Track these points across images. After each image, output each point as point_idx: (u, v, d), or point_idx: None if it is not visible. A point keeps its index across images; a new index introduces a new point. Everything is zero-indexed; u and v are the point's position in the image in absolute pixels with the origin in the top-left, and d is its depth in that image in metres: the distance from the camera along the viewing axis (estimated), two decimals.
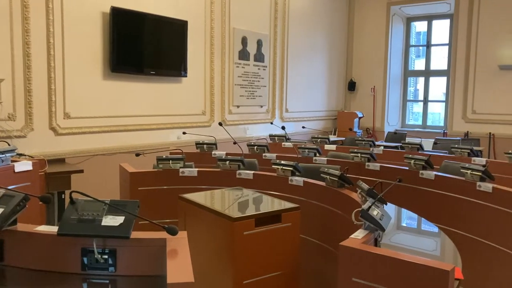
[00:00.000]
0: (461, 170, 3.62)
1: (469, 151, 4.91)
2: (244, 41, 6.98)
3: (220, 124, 5.41)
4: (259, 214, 2.63)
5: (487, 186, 3.36)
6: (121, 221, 1.69)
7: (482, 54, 8.31)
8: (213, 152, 4.79)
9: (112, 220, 1.69)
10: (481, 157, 5.21)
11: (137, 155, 4.34)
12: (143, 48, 5.56)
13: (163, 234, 1.68)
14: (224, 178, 3.76)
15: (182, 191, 3.28)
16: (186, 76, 6.05)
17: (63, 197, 4.27)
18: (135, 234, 1.69)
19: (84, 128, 5.03)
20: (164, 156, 3.94)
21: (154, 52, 5.69)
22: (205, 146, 4.89)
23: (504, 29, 8.04)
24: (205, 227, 2.81)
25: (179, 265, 1.47)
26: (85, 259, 1.69)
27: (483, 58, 8.29)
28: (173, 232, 1.65)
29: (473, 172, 3.49)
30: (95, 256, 1.67)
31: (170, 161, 3.84)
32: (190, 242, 1.69)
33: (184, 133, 5.59)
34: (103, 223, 1.68)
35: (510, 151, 4.64)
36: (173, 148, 5.05)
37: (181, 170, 3.81)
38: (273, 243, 2.65)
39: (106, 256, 1.68)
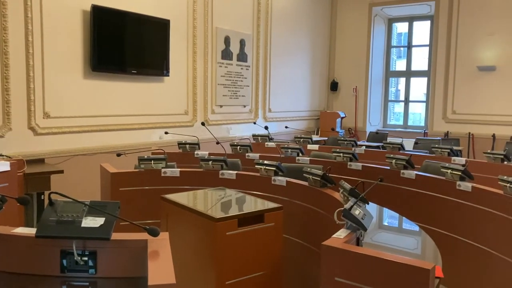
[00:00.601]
0: (441, 169, 3.67)
1: (449, 150, 4.98)
2: (227, 40, 6.96)
3: (202, 124, 5.39)
4: (241, 214, 2.63)
5: (466, 186, 3.41)
6: (102, 223, 1.66)
7: (462, 55, 8.45)
8: (195, 152, 4.77)
9: (92, 222, 1.66)
10: (461, 156, 5.29)
11: (118, 155, 4.28)
12: (125, 47, 5.50)
13: (144, 235, 1.66)
14: (206, 178, 3.74)
15: (164, 191, 3.25)
16: (168, 76, 6.00)
17: (42, 198, 4.19)
18: (116, 236, 1.66)
19: (64, 128, 4.95)
20: (146, 156, 3.90)
21: (136, 51, 5.63)
22: (187, 146, 4.86)
23: (482, 31, 8.18)
24: (188, 227, 2.79)
25: (161, 266, 1.46)
26: (64, 261, 1.66)
27: (463, 59, 8.44)
28: (154, 233, 1.63)
29: (453, 172, 3.55)
30: (75, 258, 1.64)
31: (152, 161, 3.81)
32: (172, 243, 1.67)
33: (166, 133, 5.55)
34: (83, 225, 1.65)
35: (489, 151, 4.72)
36: (155, 148, 5.01)
37: (163, 170, 3.78)
38: (256, 243, 2.64)
39: (86, 258, 1.65)
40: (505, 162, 4.51)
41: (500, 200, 3.09)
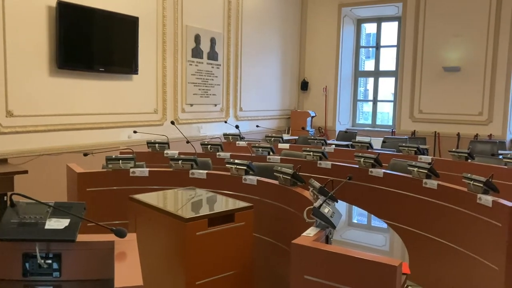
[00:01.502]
0: (408, 167, 3.75)
1: (415, 149, 5.09)
2: (197, 39, 6.90)
3: (172, 122, 5.32)
4: (212, 214, 2.61)
5: (432, 183, 3.49)
6: (66, 224, 1.62)
7: (428, 56, 8.66)
8: (165, 152, 4.71)
9: (57, 223, 1.62)
10: (427, 155, 5.43)
11: (85, 154, 4.19)
12: (92, 45, 5.37)
13: (111, 237, 1.62)
14: (176, 178, 3.70)
15: (133, 191, 3.19)
16: (137, 74, 5.91)
17: (5, 199, 4.05)
18: (81, 237, 1.62)
19: (29, 127, 4.80)
20: (113, 156, 3.83)
21: (103, 48, 5.52)
22: (157, 145, 4.80)
23: (448, 32, 8.41)
24: (157, 228, 2.75)
25: (128, 268, 1.43)
26: (27, 265, 1.60)
27: (429, 60, 8.65)
28: (121, 234, 1.60)
29: (420, 170, 3.63)
30: (38, 262, 1.59)
31: (120, 161, 3.74)
32: (140, 244, 1.64)
33: (135, 132, 5.46)
34: (46, 227, 1.60)
35: (453, 150, 4.86)
36: (123, 148, 4.92)
37: (131, 170, 3.72)
38: (226, 242, 2.63)
39: (50, 261, 1.60)
40: (469, 160, 4.65)
41: (464, 197, 3.18)
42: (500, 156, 4.99)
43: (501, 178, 3.98)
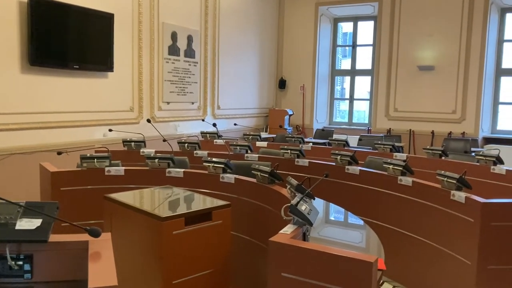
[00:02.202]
0: (384, 165, 3.80)
1: (391, 147, 5.17)
2: (174, 36, 6.84)
3: (148, 121, 5.26)
4: (188, 213, 2.59)
5: (407, 180, 3.55)
6: (38, 224, 1.58)
7: (403, 55, 8.80)
8: (141, 150, 4.65)
9: (28, 224, 1.57)
10: (402, 152, 5.50)
11: (59, 153, 4.11)
12: (66, 41, 5.27)
13: (85, 237, 1.59)
14: (153, 177, 3.66)
15: (108, 191, 3.15)
16: (112, 71, 5.82)
17: None
18: (54, 238, 1.58)
19: (0, 125, 4.67)
20: (88, 155, 3.76)
21: (78, 45, 5.41)
22: (133, 144, 4.74)
23: (422, 31, 8.56)
24: (133, 227, 2.72)
25: (102, 268, 1.40)
26: None
27: (404, 59, 8.79)
28: (95, 234, 1.57)
29: (395, 167, 3.68)
30: (8, 263, 1.54)
31: (95, 160, 3.67)
32: (116, 244, 1.62)
33: (110, 130, 5.38)
34: (17, 227, 1.56)
35: (428, 147, 4.95)
36: (98, 146, 4.84)
37: (107, 169, 3.66)
38: (204, 241, 2.62)
39: (21, 262, 1.56)
40: (443, 158, 4.75)
41: (438, 194, 3.24)
42: (473, 154, 5.10)
43: (474, 175, 4.07)
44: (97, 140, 5.59)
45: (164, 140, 4.69)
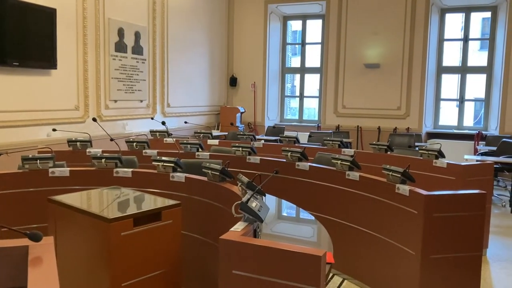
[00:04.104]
0: (332, 160, 3.88)
1: (339, 143, 5.29)
2: (120, 32, 6.66)
3: (94, 119, 5.09)
4: (137, 214, 2.53)
5: (354, 175, 3.64)
6: None
7: (350, 53, 9.03)
8: (87, 150, 4.50)
9: None
10: (350, 148, 5.65)
11: None
12: (4, 37, 4.99)
13: (25, 241, 1.51)
14: (100, 177, 3.55)
15: (53, 193, 3.02)
16: (55, 68, 5.58)
17: None
18: None
19: None
20: (30, 156, 3.59)
21: (18, 41, 5.15)
22: (78, 143, 4.57)
23: (368, 30, 8.82)
24: (79, 230, 2.62)
25: (43, 274, 1.34)
26: None
27: (351, 57, 9.02)
28: (36, 238, 1.50)
29: (343, 162, 3.77)
30: None
31: (38, 161, 3.51)
32: (62, 249, 1.55)
33: (54, 130, 5.16)
34: None
35: (374, 142, 5.10)
36: (41, 147, 4.64)
37: (50, 170, 3.51)
38: (154, 242, 2.57)
39: None
40: (388, 152, 4.91)
41: (384, 188, 3.35)
42: (416, 148, 5.32)
43: (417, 169, 4.24)
44: (40, 141, 5.35)
45: (112, 139, 4.55)
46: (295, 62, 10.38)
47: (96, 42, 6.25)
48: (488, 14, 8.56)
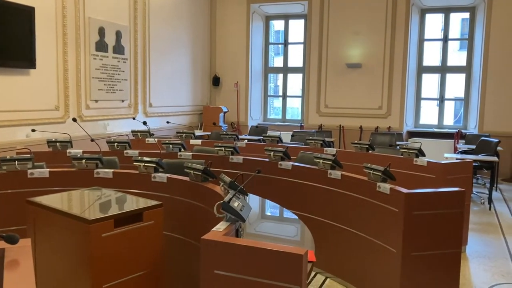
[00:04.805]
0: (315, 159, 3.90)
1: (321, 142, 5.32)
2: (101, 31, 6.58)
3: (74, 120, 5.02)
4: (118, 214, 2.50)
5: (336, 174, 3.66)
6: None
7: (332, 53, 9.09)
8: (68, 151, 4.44)
9: None
10: (333, 147, 5.69)
11: None
12: None
13: (1, 244, 1.49)
14: (80, 178, 3.50)
15: (32, 194, 2.97)
16: (35, 68, 5.49)
17: None
18: None
19: None
20: (8, 157, 3.52)
21: None
22: (58, 144, 4.50)
23: (349, 30, 8.89)
24: (59, 232, 2.58)
25: (19, 277, 1.32)
26: None
27: (333, 56, 9.08)
28: (12, 241, 1.47)
29: (325, 161, 3.78)
30: None
31: (16, 162, 3.45)
32: (41, 251, 1.52)
33: (33, 130, 5.08)
34: None
35: (356, 141, 5.14)
36: (20, 148, 4.55)
37: (29, 171, 3.45)
38: (135, 243, 2.54)
39: None
40: (370, 151, 4.96)
41: (365, 186, 3.38)
42: (397, 147, 5.37)
43: (398, 167, 4.29)
44: (19, 141, 5.26)
45: (92, 140, 4.50)
46: (278, 61, 10.40)
47: (76, 41, 6.16)
48: (467, 15, 8.71)
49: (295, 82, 10.11)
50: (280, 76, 10.26)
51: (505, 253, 4.50)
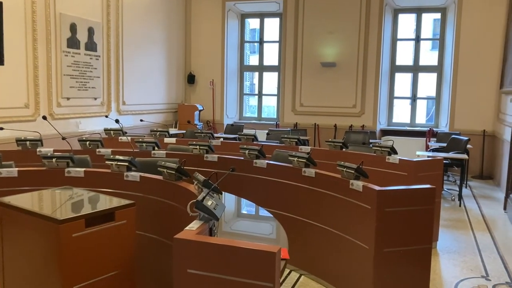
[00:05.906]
0: (289, 158, 3.92)
1: (296, 140, 5.35)
2: (73, 28, 6.45)
3: (44, 118, 4.90)
4: (89, 214, 2.45)
5: (310, 172, 3.69)
6: None
7: (307, 52, 9.15)
8: (38, 150, 4.33)
9: None
10: (308, 145, 5.72)
11: None
12: None
13: None
14: (50, 177, 3.42)
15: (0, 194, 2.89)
16: (3, 64, 5.34)
17: None
18: None
19: None
20: None
21: None
22: (28, 143, 4.39)
23: (324, 29, 8.96)
24: (28, 233, 2.52)
25: None
26: None
27: (308, 55, 9.14)
28: None
29: (299, 159, 3.81)
30: None
31: None
32: (9, 253, 1.48)
33: (1, 128, 4.93)
34: None
35: (330, 140, 5.19)
36: None
37: None
38: (107, 242, 2.50)
39: None
40: (344, 149, 5.01)
41: (339, 184, 3.41)
42: (371, 145, 5.45)
43: (371, 165, 4.35)
44: None
45: (63, 138, 4.41)
46: (253, 60, 10.40)
47: (47, 37, 6.02)
48: (438, 15, 8.90)
49: (270, 80, 10.13)
50: (256, 74, 10.26)
51: (474, 248, 4.62)
